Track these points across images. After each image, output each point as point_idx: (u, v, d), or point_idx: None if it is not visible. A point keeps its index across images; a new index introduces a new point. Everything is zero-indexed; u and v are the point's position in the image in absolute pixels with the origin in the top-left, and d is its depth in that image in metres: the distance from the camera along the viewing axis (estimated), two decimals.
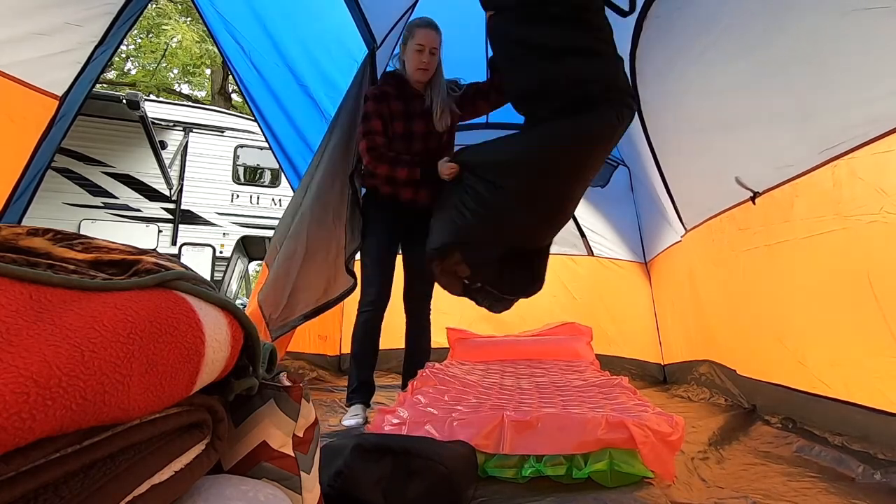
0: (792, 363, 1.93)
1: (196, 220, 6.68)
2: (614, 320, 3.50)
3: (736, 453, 1.72)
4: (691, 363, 2.99)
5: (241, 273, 8.12)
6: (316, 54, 2.62)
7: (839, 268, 1.63)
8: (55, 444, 0.40)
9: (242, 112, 8.08)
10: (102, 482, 0.44)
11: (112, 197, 6.24)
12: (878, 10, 1.29)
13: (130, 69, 12.88)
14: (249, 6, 2.51)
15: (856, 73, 1.43)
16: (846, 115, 1.50)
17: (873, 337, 1.52)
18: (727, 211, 2.20)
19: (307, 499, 0.72)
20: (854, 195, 1.53)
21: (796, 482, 1.42)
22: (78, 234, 0.62)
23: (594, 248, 3.73)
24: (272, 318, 2.02)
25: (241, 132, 7.06)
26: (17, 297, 0.42)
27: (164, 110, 6.87)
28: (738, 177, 2.02)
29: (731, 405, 2.42)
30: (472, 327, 3.36)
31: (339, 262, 2.07)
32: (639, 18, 2.08)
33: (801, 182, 1.75)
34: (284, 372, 0.80)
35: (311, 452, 0.77)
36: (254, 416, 0.71)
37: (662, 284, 3.48)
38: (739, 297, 2.26)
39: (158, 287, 0.55)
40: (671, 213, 2.76)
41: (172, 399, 0.52)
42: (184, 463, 0.55)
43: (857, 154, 1.49)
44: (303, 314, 2.03)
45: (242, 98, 3.35)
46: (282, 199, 7.07)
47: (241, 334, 0.64)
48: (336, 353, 3.59)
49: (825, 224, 1.65)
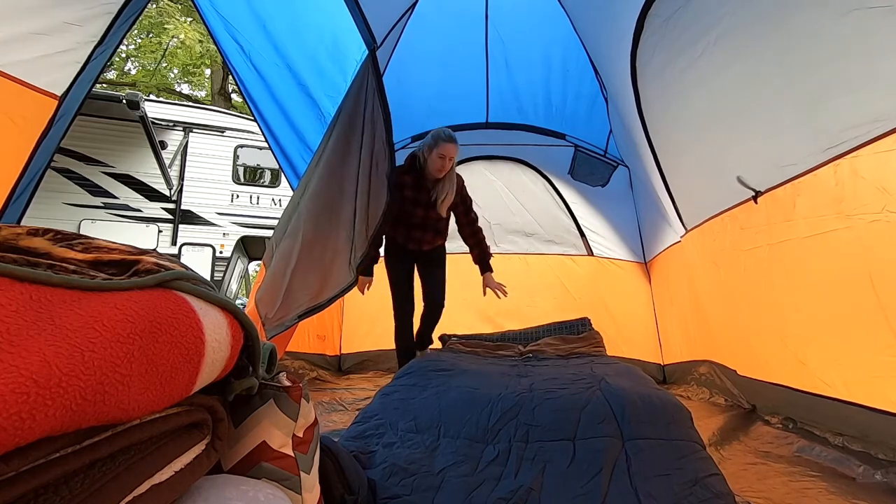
0: (793, 363, 1.93)
1: (196, 220, 6.68)
2: (614, 320, 3.50)
3: (736, 453, 1.72)
4: (691, 363, 2.99)
5: (241, 273, 8.12)
6: (316, 54, 2.62)
7: (841, 267, 1.63)
8: (55, 444, 0.40)
9: (242, 112, 8.08)
10: (102, 482, 0.44)
11: (112, 197, 6.24)
12: (878, 9, 1.29)
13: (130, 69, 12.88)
14: (249, 6, 2.50)
15: (857, 73, 1.43)
16: (848, 115, 1.50)
17: (875, 336, 1.52)
18: (729, 210, 2.20)
19: (307, 499, 0.71)
20: (856, 194, 1.53)
21: (796, 482, 1.42)
22: (78, 234, 0.62)
23: (594, 248, 3.74)
24: (268, 318, 2.02)
25: (241, 132, 7.06)
26: (18, 297, 0.42)
27: (164, 110, 6.87)
28: (739, 176, 2.01)
29: (731, 405, 2.41)
30: (473, 328, 3.36)
31: (335, 262, 2.07)
32: (639, 18, 2.08)
33: (803, 181, 1.74)
34: (284, 372, 0.80)
35: (311, 452, 0.77)
36: (254, 416, 0.70)
37: (662, 284, 3.48)
38: (740, 296, 2.26)
39: (158, 287, 0.55)
40: (671, 212, 2.76)
41: (172, 399, 0.51)
42: (184, 463, 0.55)
43: (860, 153, 1.49)
44: (298, 313, 2.03)
45: (242, 98, 3.34)
46: (282, 199, 7.08)
47: (241, 334, 0.63)
48: (336, 353, 3.60)
49: (827, 223, 1.65)
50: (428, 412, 1.45)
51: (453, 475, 1.17)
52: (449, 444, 1.30)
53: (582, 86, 3.29)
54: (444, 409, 1.46)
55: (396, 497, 1.09)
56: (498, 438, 1.30)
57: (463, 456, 1.24)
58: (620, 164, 3.58)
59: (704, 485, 1.07)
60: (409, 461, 1.22)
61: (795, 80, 1.61)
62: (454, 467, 1.20)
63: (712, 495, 1.03)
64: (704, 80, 1.98)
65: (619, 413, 1.33)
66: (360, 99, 2.18)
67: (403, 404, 1.54)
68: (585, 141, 3.62)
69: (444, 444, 1.30)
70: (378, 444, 1.34)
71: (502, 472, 1.17)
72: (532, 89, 3.44)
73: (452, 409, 1.45)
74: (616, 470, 1.13)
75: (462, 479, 1.15)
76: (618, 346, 3.44)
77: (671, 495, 1.03)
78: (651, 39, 2.13)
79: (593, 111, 3.41)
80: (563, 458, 1.19)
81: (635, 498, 1.03)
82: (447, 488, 1.12)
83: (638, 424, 1.28)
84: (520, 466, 1.18)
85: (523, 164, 3.80)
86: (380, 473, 1.17)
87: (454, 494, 1.09)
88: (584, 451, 1.20)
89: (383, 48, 2.37)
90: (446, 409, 1.46)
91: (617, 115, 3.10)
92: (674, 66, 2.09)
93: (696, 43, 1.90)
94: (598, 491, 1.06)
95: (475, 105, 3.60)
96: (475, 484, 1.13)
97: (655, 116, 2.47)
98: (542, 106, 3.54)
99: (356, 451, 1.25)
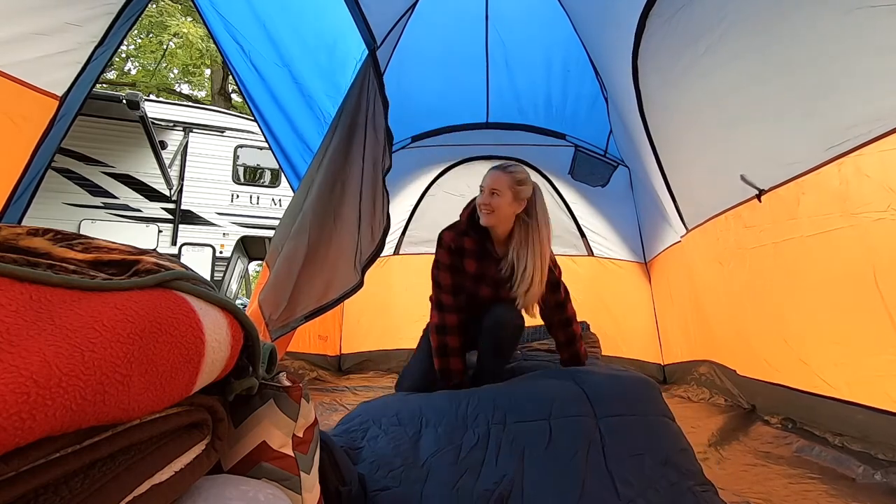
0: (793, 362, 1.93)
1: (196, 220, 6.68)
2: (614, 320, 3.50)
3: (736, 454, 1.72)
4: (691, 363, 2.99)
5: (241, 273, 8.12)
6: (316, 54, 2.62)
7: (845, 265, 1.63)
8: (55, 444, 0.40)
9: (242, 112, 8.08)
10: (102, 482, 0.44)
11: (112, 197, 6.24)
12: (880, 7, 1.29)
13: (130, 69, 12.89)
14: (249, 6, 2.51)
15: (860, 71, 1.43)
16: (851, 113, 1.50)
17: (877, 335, 1.52)
18: (733, 209, 2.20)
19: (307, 499, 0.72)
20: (861, 192, 1.53)
21: (796, 483, 1.42)
22: (78, 234, 0.62)
23: (594, 249, 3.74)
24: (272, 319, 2.02)
25: (241, 132, 7.07)
26: (17, 297, 0.42)
27: (164, 110, 6.87)
28: (743, 175, 2.01)
29: (731, 405, 2.41)
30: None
31: (340, 264, 2.07)
32: (641, 18, 2.08)
33: (807, 179, 1.74)
34: (284, 372, 0.80)
35: (311, 452, 0.77)
36: (254, 417, 0.71)
37: (662, 284, 3.48)
38: (742, 295, 2.26)
39: (158, 287, 0.55)
40: (672, 212, 2.75)
41: (172, 399, 0.51)
42: (184, 463, 0.55)
43: (864, 151, 1.49)
44: (303, 315, 2.02)
45: (242, 98, 3.34)
46: (282, 199, 7.08)
47: (241, 334, 0.64)
48: (336, 354, 3.60)
49: (832, 221, 1.65)
50: (409, 407, 1.48)
51: (438, 464, 1.20)
52: (431, 433, 1.33)
53: (582, 86, 3.29)
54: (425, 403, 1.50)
55: (386, 489, 1.12)
56: (477, 422, 1.33)
57: (445, 442, 1.27)
58: (620, 164, 3.58)
59: (674, 464, 1.14)
60: (394, 453, 1.25)
61: (799, 78, 1.61)
62: (438, 456, 1.23)
63: (681, 475, 1.11)
64: (707, 79, 1.98)
65: (590, 393, 1.36)
66: (361, 99, 2.18)
67: (385, 404, 1.58)
68: (586, 141, 3.62)
69: (426, 434, 1.34)
70: (363, 439, 1.37)
71: (483, 457, 1.21)
72: (532, 89, 3.44)
73: (433, 402, 1.49)
74: (591, 450, 1.17)
75: (447, 467, 1.19)
76: (618, 346, 3.45)
77: (644, 479, 1.10)
78: (653, 39, 2.12)
79: (593, 111, 3.41)
80: (541, 439, 1.23)
81: (612, 484, 1.09)
82: (433, 479, 1.16)
83: (610, 402, 1.32)
84: (499, 451, 1.22)
85: (523, 164, 3.80)
86: (368, 468, 1.20)
87: (441, 485, 1.13)
88: (559, 432, 1.23)
89: (383, 48, 2.37)
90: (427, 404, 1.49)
91: (617, 116, 3.10)
92: (676, 64, 2.09)
93: (699, 42, 1.89)
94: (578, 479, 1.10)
95: (475, 105, 3.60)
96: (459, 472, 1.17)
97: (657, 116, 2.46)
98: (542, 106, 3.54)
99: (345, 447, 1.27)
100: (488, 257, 1.78)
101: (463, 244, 1.78)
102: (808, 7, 1.48)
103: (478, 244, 1.79)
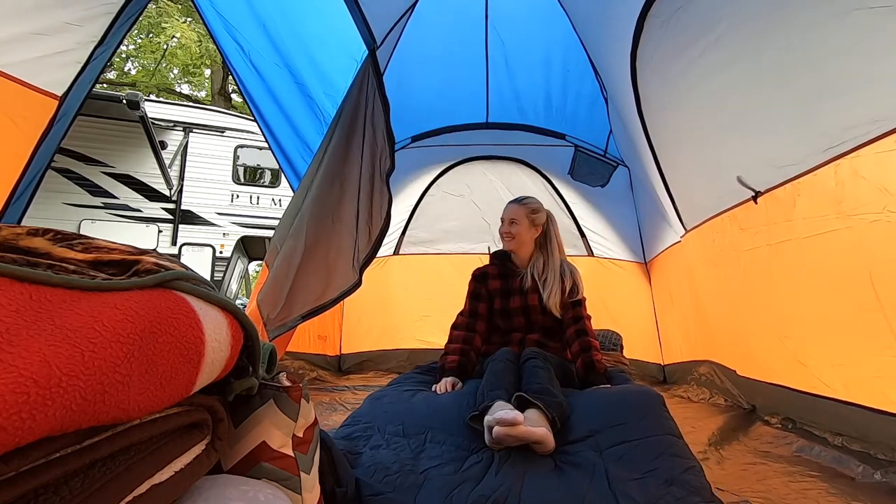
0: (792, 363, 1.93)
1: (196, 220, 6.68)
2: (614, 321, 3.49)
3: (736, 453, 1.72)
4: (691, 363, 2.99)
5: (241, 273, 8.12)
6: (316, 54, 2.62)
7: (841, 267, 1.63)
8: (55, 444, 0.40)
9: (242, 112, 8.08)
10: (102, 482, 0.44)
11: (112, 197, 6.24)
12: (879, 9, 1.29)
13: (130, 69, 12.89)
14: (249, 6, 2.51)
15: (857, 73, 1.43)
16: (848, 115, 1.50)
17: (874, 336, 1.52)
18: (728, 210, 2.20)
19: (307, 499, 0.72)
20: (857, 194, 1.53)
21: (796, 482, 1.43)
22: (78, 234, 0.62)
23: (594, 249, 3.74)
24: (270, 318, 2.02)
25: (241, 132, 7.07)
26: (17, 297, 0.42)
27: (164, 110, 6.87)
28: (739, 176, 2.01)
29: (731, 405, 2.41)
30: None
31: (338, 264, 2.07)
32: (639, 19, 2.08)
33: (803, 181, 1.74)
34: (284, 372, 0.80)
35: (311, 452, 0.77)
36: (254, 417, 0.71)
37: (662, 284, 3.48)
38: (739, 297, 2.26)
39: (158, 287, 0.55)
40: (671, 213, 2.76)
41: (172, 399, 0.51)
42: (184, 463, 0.55)
43: (860, 153, 1.49)
44: (300, 314, 2.03)
45: (242, 98, 3.34)
46: (282, 199, 7.08)
47: (241, 334, 0.64)
48: (336, 353, 3.60)
49: (828, 223, 1.65)
50: (415, 417, 1.47)
51: (436, 474, 1.19)
52: (434, 448, 1.33)
53: (582, 86, 3.29)
54: (432, 414, 1.48)
55: (380, 494, 1.11)
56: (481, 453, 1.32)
57: (448, 459, 1.27)
58: (620, 164, 3.58)
59: (680, 482, 1.11)
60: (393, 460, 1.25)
61: (796, 80, 1.61)
62: (438, 468, 1.22)
63: (687, 492, 1.08)
64: (704, 81, 1.98)
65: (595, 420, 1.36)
66: (360, 99, 2.18)
67: (392, 408, 1.56)
68: (585, 141, 3.62)
69: (429, 448, 1.33)
70: (365, 446, 1.36)
71: (484, 473, 1.20)
72: (532, 89, 3.44)
73: (440, 414, 1.47)
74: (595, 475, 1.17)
75: (445, 478, 1.18)
76: None
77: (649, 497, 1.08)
78: (651, 40, 2.13)
79: (593, 111, 3.41)
80: (545, 465, 1.23)
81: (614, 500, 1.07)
82: (429, 486, 1.15)
83: (611, 431, 1.32)
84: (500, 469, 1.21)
85: (523, 165, 3.80)
86: (365, 472, 1.20)
87: (436, 492, 1.12)
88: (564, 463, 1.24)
89: (383, 48, 2.37)
90: (434, 415, 1.47)
91: (617, 116, 3.10)
92: (674, 66, 2.09)
93: (696, 43, 1.90)
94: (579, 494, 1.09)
95: (475, 105, 3.60)
96: (457, 482, 1.16)
97: (655, 117, 2.47)
98: (542, 106, 3.54)
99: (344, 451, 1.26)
100: (511, 274, 2.04)
101: (486, 270, 2.08)
102: (805, 9, 1.48)
103: (500, 267, 2.07)
